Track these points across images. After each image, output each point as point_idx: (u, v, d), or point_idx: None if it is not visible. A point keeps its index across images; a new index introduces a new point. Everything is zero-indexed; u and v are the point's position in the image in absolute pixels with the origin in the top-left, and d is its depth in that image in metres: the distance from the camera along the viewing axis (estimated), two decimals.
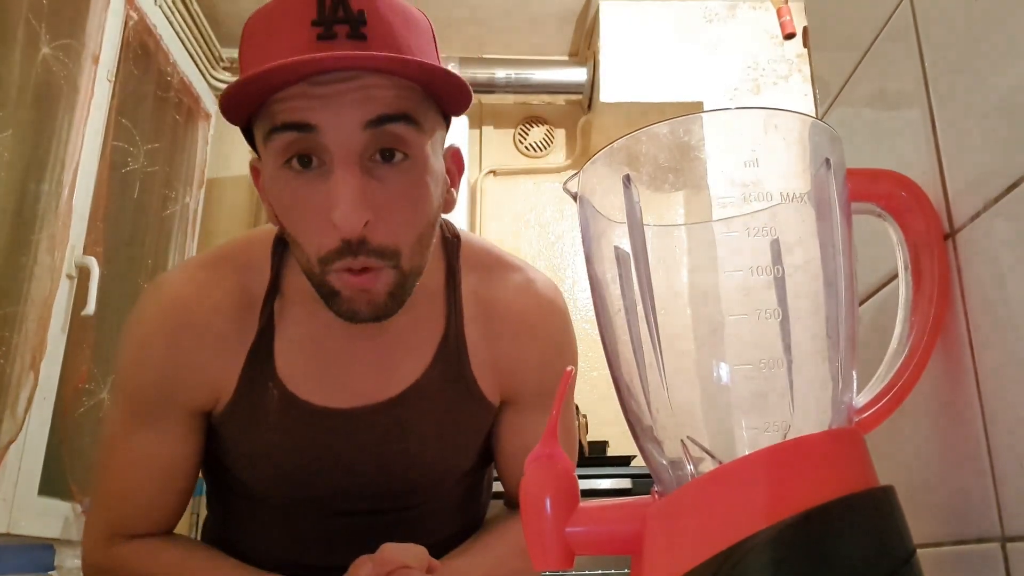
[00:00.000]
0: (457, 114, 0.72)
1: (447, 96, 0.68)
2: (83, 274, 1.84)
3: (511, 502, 0.88)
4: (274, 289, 0.77)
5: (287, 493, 0.79)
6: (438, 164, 0.70)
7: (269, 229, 0.81)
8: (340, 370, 0.77)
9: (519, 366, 0.81)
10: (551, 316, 0.83)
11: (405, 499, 0.82)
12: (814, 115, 0.53)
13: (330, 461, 0.77)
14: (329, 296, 0.67)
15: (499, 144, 2.92)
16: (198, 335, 0.75)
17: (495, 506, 0.93)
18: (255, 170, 0.73)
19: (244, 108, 0.65)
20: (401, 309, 0.71)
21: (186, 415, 0.77)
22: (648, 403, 0.41)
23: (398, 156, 0.65)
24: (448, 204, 0.74)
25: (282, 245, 0.78)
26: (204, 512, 0.93)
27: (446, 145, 0.74)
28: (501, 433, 0.84)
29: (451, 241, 0.83)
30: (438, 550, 0.78)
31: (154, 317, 0.77)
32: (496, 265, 0.84)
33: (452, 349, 0.79)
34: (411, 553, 0.71)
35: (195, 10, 2.52)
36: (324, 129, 0.62)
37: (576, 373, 0.91)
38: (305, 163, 0.64)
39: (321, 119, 0.62)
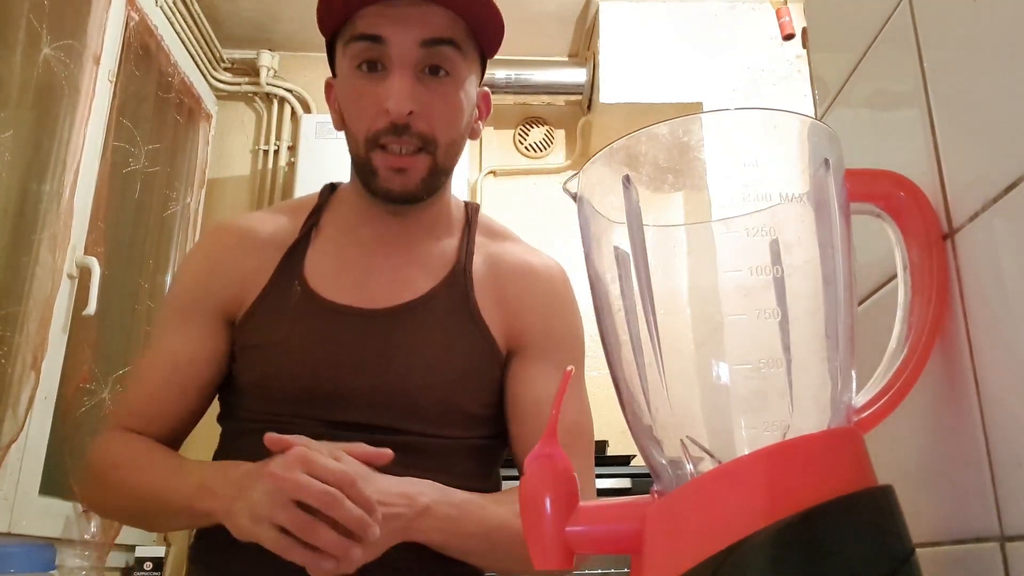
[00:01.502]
0: (491, 52, 0.90)
1: (484, 33, 0.86)
2: (84, 274, 1.84)
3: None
4: (318, 211, 0.93)
5: (292, 389, 0.83)
6: (472, 90, 0.88)
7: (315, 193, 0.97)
8: (359, 275, 0.88)
9: (524, 309, 0.90)
10: (554, 273, 0.95)
11: (405, 420, 0.83)
12: (813, 116, 0.53)
13: (337, 356, 0.83)
14: (370, 176, 0.83)
15: (499, 144, 2.91)
16: (240, 238, 0.90)
17: None
18: (329, 86, 0.91)
19: (334, 20, 0.84)
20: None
21: (213, 317, 0.87)
22: (648, 403, 0.41)
23: (442, 72, 0.83)
24: (474, 133, 0.91)
25: (330, 188, 0.96)
26: None
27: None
28: (510, 386, 0.88)
29: (472, 206, 0.98)
30: None
31: (206, 233, 0.97)
32: (507, 236, 0.98)
33: (459, 279, 0.90)
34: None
35: (196, 11, 2.52)
36: (390, 42, 0.80)
37: (579, 366, 0.94)
38: (372, 67, 0.82)
39: (389, 33, 0.80)
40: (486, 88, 0.93)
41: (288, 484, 0.65)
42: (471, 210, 0.97)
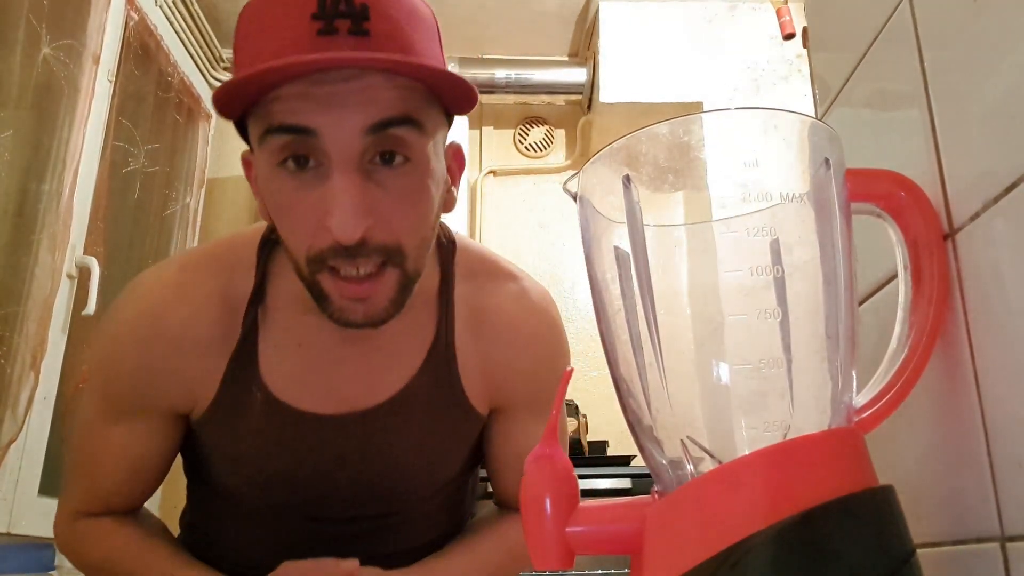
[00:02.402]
0: (461, 113, 0.69)
1: (450, 96, 0.66)
2: (84, 274, 1.84)
3: (502, 505, 0.88)
4: (259, 293, 0.75)
5: (266, 497, 0.78)
6: (439, 165, 0.68)
7: (256, 228, 0.78)
8: (326, 375, 0.75)
9: (510, 375, 0.80)
10: (544, 327, 0.82)
11: (387, 506, 0.81)
12: (814, 115, 0.53)
13: (312, 467, 0.76)
14: (320, 299, 0.65)
15: (499, 144, 2.91)
16: (173, 344, 0.73)
17: (481, 506, 0.94)
18: (247, 162, 0.71)
19: (239, 104, 0.63)
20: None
21: (160, 416, 0.76)
22: (648, 403, 0.41)
23: (398, 159, 0.63)
24: (448, 204, 0.71)
25: (268, 246, 0.76)
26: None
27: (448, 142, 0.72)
28: (492, 441, 0.83)
29: (446, 246, 0.81)
30: (419, 554, 0.80)
31: (127, 322, 0.75)
32: (491, 273, 0.82)
33: (441, 356, 0.78)
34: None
35: (195, 10, 2.52)
36: (324, 133, 0.60)
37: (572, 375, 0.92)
38: (301, 164, 0.62)
39: (321, 123, 0.59)
40: (456, 143, 0.73)
41: None
42: (446, 252, 0.80)
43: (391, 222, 0.63)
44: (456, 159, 0.73)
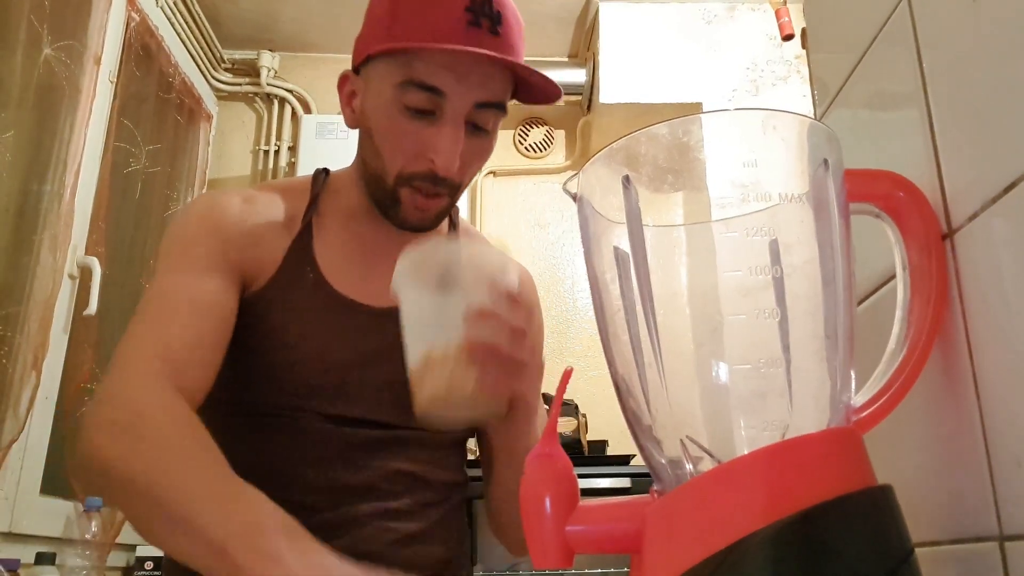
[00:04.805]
0: (534, 103, 0.92)
1: (533, 91, 0.88)
2: (85, 274, 1.84)
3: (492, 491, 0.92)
4: (312, 207, 0.92)
5: (300, 379, 0.83)
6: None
7: (304, 176, 0.97)
8: (365, 271, 0.89)
9: None
10: (525, 275, 0.97)
11: (406, 416, 0.78)
12: (812, 116, 0.53)
13: (347, 351, 0.85)
14: (390, 204, 0.86)
15: (499, 145, 2.89)
16: (260, 209, 0.88)
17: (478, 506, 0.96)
18: (345, 79, 0.89)
19: (388, 46, 0.80)
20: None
21: (232, 275, 0.83)
22: (647, 402, 0.41)
23: (482, 131, 0.85)
24: None
25: (322, 175, 0.96)
26: None
27: None
28: None
29: (454, 207, 1.01)
30: (425, 497, 0.86)
31: (207, 198, 0.90)
32: (480, 237, 1.06)
33: None
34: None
35: (196, 11, 2.52)
36: (450, 96, 0.80)
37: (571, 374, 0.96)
38: (421, 112, 0.81)
39: (451, 89, 0.80)
40: None
41: None
42: (454, 211, 1.00)
43: (464, 168, 0.85)
44: None
